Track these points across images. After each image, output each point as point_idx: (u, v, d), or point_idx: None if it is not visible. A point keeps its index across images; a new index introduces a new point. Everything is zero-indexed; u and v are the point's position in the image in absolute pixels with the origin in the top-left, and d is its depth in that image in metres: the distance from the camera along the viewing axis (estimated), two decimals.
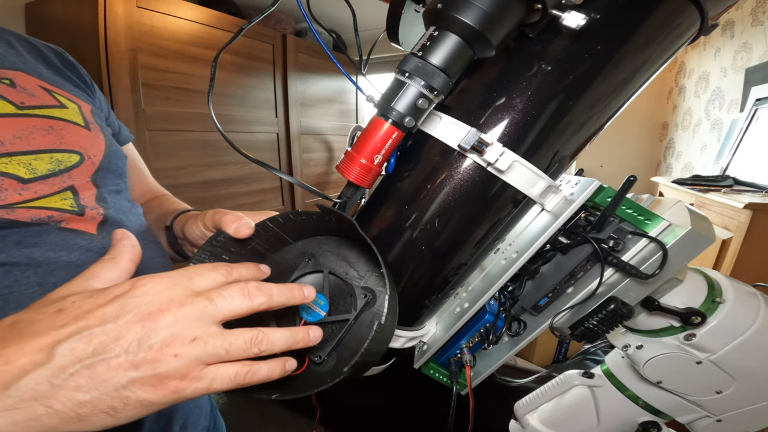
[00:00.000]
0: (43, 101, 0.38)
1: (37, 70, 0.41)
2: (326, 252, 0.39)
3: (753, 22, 1.76)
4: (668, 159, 2.54)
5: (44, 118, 0.37)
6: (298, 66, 2.19)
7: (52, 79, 0.42)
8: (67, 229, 0.36)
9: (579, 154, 0.36)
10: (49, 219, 0.35)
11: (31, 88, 0.38)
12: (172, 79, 1.54)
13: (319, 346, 0.33)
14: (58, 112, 0.39)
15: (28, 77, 0.39)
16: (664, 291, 0.34)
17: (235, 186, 1.90)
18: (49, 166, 0.36)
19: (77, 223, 0.37)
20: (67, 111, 0.40)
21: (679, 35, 0.32)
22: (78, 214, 0.37)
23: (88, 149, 0.40)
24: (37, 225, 0.34)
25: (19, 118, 0.35)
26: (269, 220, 0.36)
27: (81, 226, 0.37)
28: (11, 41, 0.41)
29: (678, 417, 0.37)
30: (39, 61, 0.42)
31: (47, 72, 0.42)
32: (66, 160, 0.37)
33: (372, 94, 0.34)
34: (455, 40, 0.28)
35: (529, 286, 0.39)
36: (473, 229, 0.35)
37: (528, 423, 0.44)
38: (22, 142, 0.35)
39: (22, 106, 0.36)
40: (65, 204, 0.36)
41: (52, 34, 1.35)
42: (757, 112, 1.65)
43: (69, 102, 0.41)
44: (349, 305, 0.36)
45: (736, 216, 1.27)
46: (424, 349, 0.44)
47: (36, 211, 0.34)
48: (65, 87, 0.43)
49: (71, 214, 0.36)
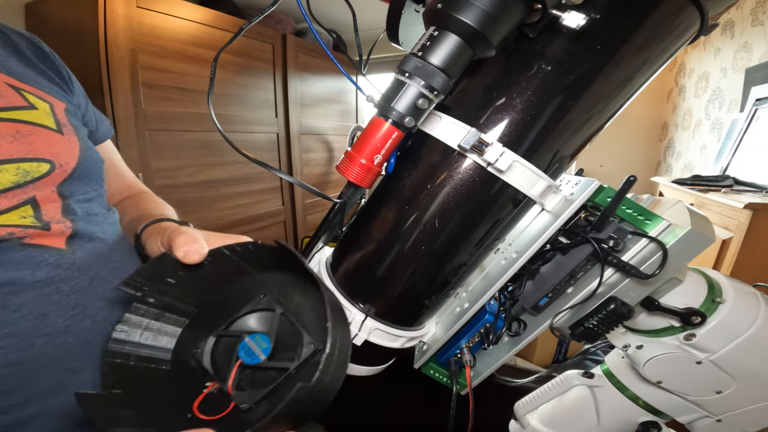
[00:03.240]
0: (9, 101, 0.34)
1: (6, 63, 0.37)
2: (289, 289, 0.36)
3: (753, 22, 1.76)
4: (668, 159, 2.54)
5: (11, 122, 0.33)
6: (298, 66, 2.19)
7: (22, 74, 0.38)
8: (30, 245, 0.33)
9: (579, 154, 0.36)
10: (10, 236, 0.32)
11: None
12: (172, 79, 1.54)
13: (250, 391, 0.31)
14: (26, 115, 0.35)
15: None
16: (664, 291, 0.34)
17: (235, 186, 1.90)
18: (14, 178, 0.32)
19: (42, 238, 0.34)
20: (37, 113, 0.36)
21: (679, 35, 0.32)
22: (42, 229, 0.34)
23: (60, 156, 0.36)
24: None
25: None
26: (226, 248, 0.34)
27: (47, 242, 0.34)
28: None
29: (678, 417, 0.37)
30: (8, 51, 0.38)
31: (17, 65, 0.38)
32: (34, 170, 0.33)
33: (372, 94, 0.34)
34: (455, 40, 0.28)
35: (529, 286, 0.39)
36: (473, 229, 0.35)
37: (528, 423, 0.44)
38: None
39: None
40: (25, 221, 0.33)
41: (51, 34, 1.35)
42: (757, 112, 1.65)
43: (40, 101, 0.37)
44: (294, 352, 0.33)
45: (736, 216, 1.27)
46: (424, 349, 0.44)
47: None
48: (36, 83, 0.39)
49: (34, 229, 0.33)
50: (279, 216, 2.25)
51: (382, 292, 0.39)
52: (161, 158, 1.51)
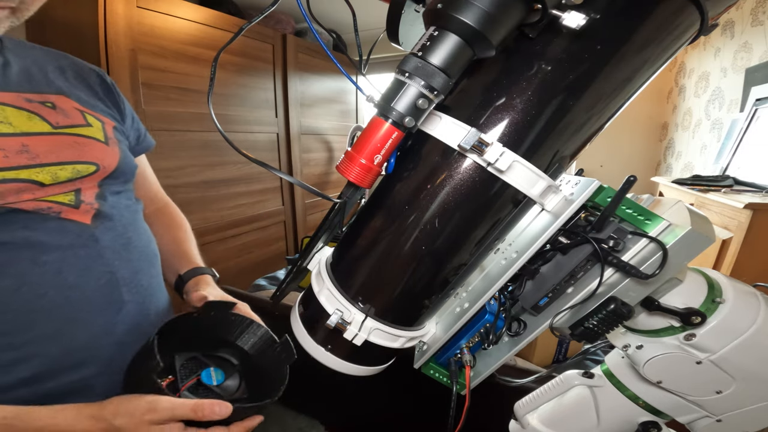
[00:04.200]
0: (74, 121, 0.48)
1: (77, 92, 0.51)
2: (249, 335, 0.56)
3: (753, 22, 1.76)
4: (668, 159, 2.54)
5: (72, 136, 0.47)
6: (298, 66, 2.19)
7: (86, 100, 0.52)
8: (65, 219, 0.44)
9: (579, 154, 0.36)
10: (49, 210, 0.43)
11: (68, 109, 0.48)
12: (172, 79, 1.54)
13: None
14: (84, 130, 0.49)
15: (67, 100, 0.49)
16: (664, 291, 0.34)
17: (235, 186, 1.90)
18: (69, 175, 0.45)
19: (73, 214, 0.45)
20: (91, 129, 0.49)
21: (679, 35, 0.32)
22: (74, 207, 0.45)
23: (104, 161, 0.49)
24: (38, 214, 0.42)
25: (54, 135, 0.45)
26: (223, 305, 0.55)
27: (76, 217, 0.45)
28: (64, 67, 0.52)
29: (678, 417, 0.37)
30: (81, 84, 0.53)
31: (85, 94, 0.53)
32: (84, 170, 0.47)
33: (372, 94, 0.34)
34: (455, 40, 0.28)
35: (529, 286, 0.39)
36: (473, 229, 0.35)
37: (528, 423, 0.44)
38: (53, 155, 0.44)
39: (57, 126, 0.46)
40: (65, 199, 0.45)
41: (52, 34, 1.35)
42: (757, 112, 1.65)
43: (96, 120, 0.51)
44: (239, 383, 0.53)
45: (736, 216, 1.27)
46: (424, 349, 0.44)
47: (38, 203, 0.42)
48: (96, 107, 0.53)
49: (68, 207, 0.45)
50: (279, 216, 2.25)
51: (382, 291, 0.39)
52: (161, 158, 1.51)
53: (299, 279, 0.52)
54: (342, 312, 0.39)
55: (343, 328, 0.39)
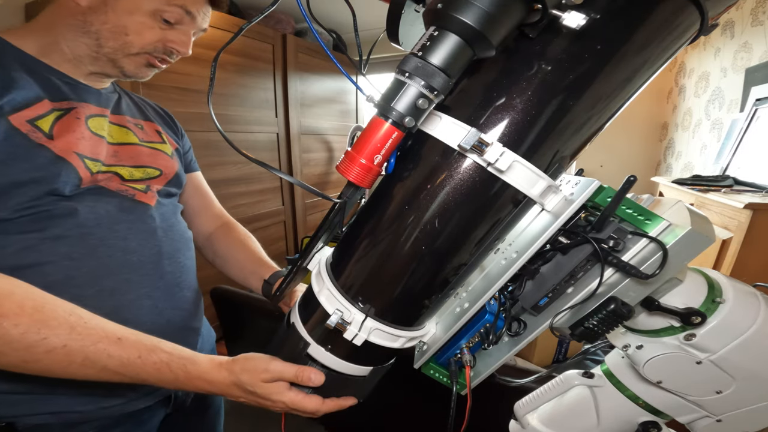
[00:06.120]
0: (153, 138, 0.67)
1: (155, 120, 0.71)
2: None
3: (753, 22, 1.76)
4: (668, 159, 2.54)
5: (150, 149, 0.64)
6: (298, 66, 2.19)
7: (163, 127, 0.72)
8: (137, 200, 0.59)
9: (579, 154, 0.36)
10: (126, 192, 0.58)
11: (150, 131, 0.67)
12: (172, 79, 1.54)
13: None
14: (159, 146, 0.66)
15: (150, 124, 0.69)
16: (664, 291, 0.34)
17: (235, 186, 1.90)
18: (143, 175, 0.61)
19: (143, 197, 0.60)
20: (164, 145, 0.68)
21: (679, 35, 0.32)
22: (144, 192, 0.60)
23: (167, 169, 0.65)
24: (118, 194, 0.57)
25: (139, 146, 0.62)
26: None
27: (145, 199, 0.60)
28: (151, 105, 0.74)
29: (678, 417, 0.37)
30: (156, 115, 0.73)
31: (159, 122, 0.72)
32: (152, 172, 0.63)
33: (372, 94, 0.34)
34: (455, 40, 0.28)
35: (529, 286, 0.39)
36: (473, 229, 0.35)
37: (528, 423, 0.44)
38: (134, 160, 0.60)
39: (142, 140, 0.64)
40: (140, 186, 0.60)
41: None
42: (757, 112, 1.65)
43: (167, 140, 0.70)
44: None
45: (736, 216, 1.27)
46: (424, 349, 0.45)
47: (120, 186, 0.57)
48: (167, 131, 0.72)
49: (141, 192, 0.60)
50: (279, 216, 2.25)
51: (382, 291, 0.39)
52: None
53: (299, 279, 0.52)
54: (342, 312, 0.39)
55: (343, 328, 0.39)
